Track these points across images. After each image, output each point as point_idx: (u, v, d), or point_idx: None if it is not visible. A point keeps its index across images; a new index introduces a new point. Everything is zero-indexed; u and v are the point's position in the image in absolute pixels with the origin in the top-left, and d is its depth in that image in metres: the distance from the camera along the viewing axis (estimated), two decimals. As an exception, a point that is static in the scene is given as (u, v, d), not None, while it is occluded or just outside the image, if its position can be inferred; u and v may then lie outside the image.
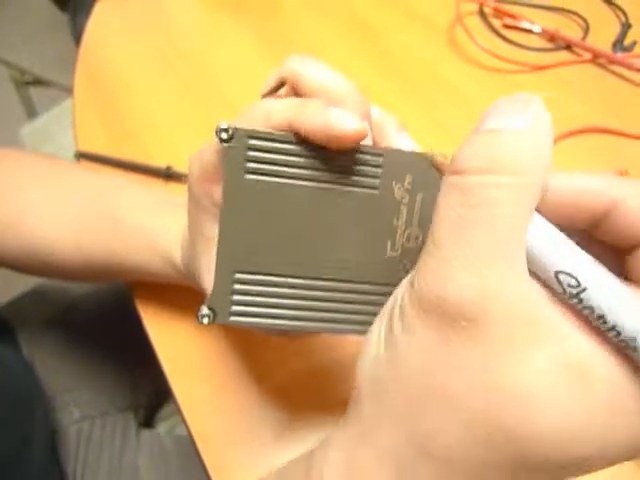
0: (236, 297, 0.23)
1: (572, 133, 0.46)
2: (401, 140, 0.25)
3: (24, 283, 0.53)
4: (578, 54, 0.53)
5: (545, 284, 0.16)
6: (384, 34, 0.58)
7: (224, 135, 0.21)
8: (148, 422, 0.63)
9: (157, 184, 0.48)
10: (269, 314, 0.23)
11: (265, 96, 0.26)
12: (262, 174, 0.22)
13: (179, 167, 0.48)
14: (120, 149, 0.51)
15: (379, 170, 0.22)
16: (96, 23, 0.65)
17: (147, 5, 0.66)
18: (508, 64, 0.52)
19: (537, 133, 0.16)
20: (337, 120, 0.20)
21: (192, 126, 0.52)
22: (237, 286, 0.23)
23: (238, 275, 0.22)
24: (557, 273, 0.15)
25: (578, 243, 0.16)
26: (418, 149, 0.24)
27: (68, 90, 0.58)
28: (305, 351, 0.37)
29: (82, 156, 0.51)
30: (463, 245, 0.15)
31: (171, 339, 0.39)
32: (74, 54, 0.62)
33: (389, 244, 0.23)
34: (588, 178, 0.17)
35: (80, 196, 0.39)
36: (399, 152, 0.23)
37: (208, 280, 0.27)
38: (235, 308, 0.23)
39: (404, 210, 0.23)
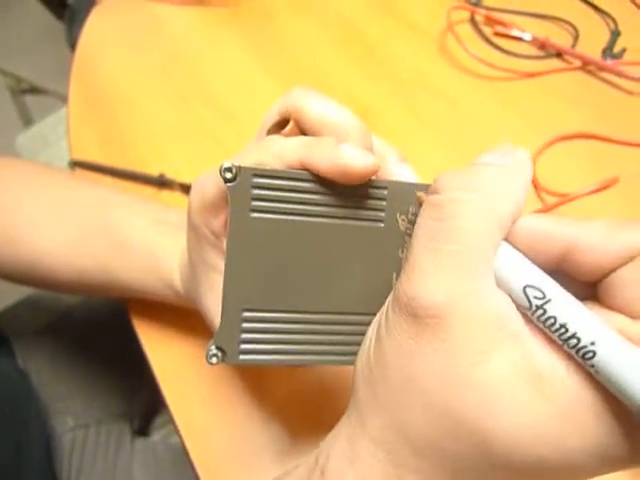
0: (245, 335, 0.22)
1: (562, 139, 0.47)
2: (402, 171, 0.25)
3: (18, 291, 0.53)
4: (568, 61, 0.53)
5: (513, 301, 0.18)
6: (376, 41, 0.58)
7: (228, 175, 0.21)
8: (143, 430, 0.63)
9: (150, 192, 0.48)
10: (279, 350, 0.23)
11: (270, 132, 0.27)
12: (268, 212, 0.22)
13: (173, 174, 0.48)
14: (114, 157, 0.52)
15: (384, 203, 0.22)
16: (90, 32, 0.65)
17: (141, 13, 0.67)
18: (499, 72, 0.53)
19: (512, 170, 0.18)
20: (350, 157, 0.21)
21: (186, 133, 0.53)
22: (245, 324, 0.22)
23: (246, 314, 0.22)
24: (525, 287, 0.17)
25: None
26: (418, 179, 0.25)
27: (64, 98, 0.58)
28: (305, 367, 0.37)
29: (76, 164, 0.51)
30: (431, 254, 0.17)
31: (167, 356, 0.39)
32: (70, 62, 0.62)
33: (395, 275, 0.23)
34: (549, 220, 0.18)
35: (78, 212, 0.39)
36: (402, 184, 0.23)
37: (209, 305, 0.27)
38: (244, 347, 0.22)
39: (408, 241, 0.23)
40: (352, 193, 0.22)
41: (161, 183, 0.48)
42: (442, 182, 0.18)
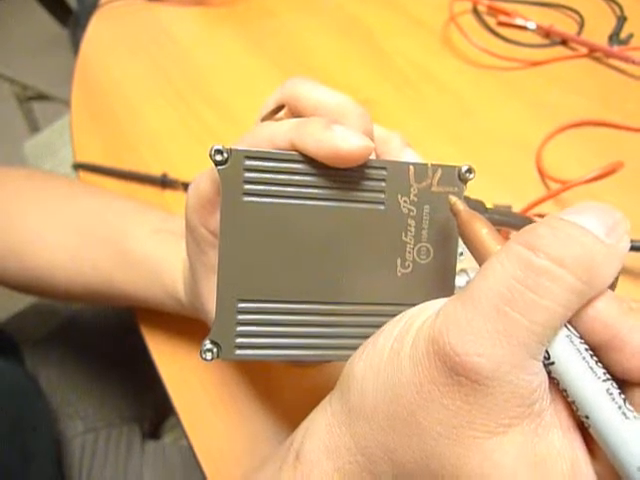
0: (240, 328, 0.21)
1: (569, 127, 0.46)
2: (407, 155, 0.24)
3: (25, 297, 0.53)
4: (574, 49, 0.53)
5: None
6: (378, 35, 0.58)
7: (219, 157, 0.20)
8: (154, 433, 0.62)
9: (154, 192, 0.48)
10: (277, 344, 0.21)
11: (265, 119, 0.26)
12: (261, 195, 0.20)
13: (175, 174, 0.48)
14: (117, 159, 0.51)
15: (383, 184, 0.21)
16: (92, 35, 0.65)
17: (142, 16, 0.67)
18: (503, 61, 0.52)
19: (613, 254, 0.16)
20: (342, 138, 0.19)
21: (188, 134, 0.52)
22: (241, 316, 0.21)
23: (241, 304, 0.21)
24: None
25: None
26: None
27: (70, 104, 0.58)
28: (312, 369, 0.36)
29: (80, 167, 0.51)
30: (497, 316, 0.16)
31: (175, 360, 0.38)
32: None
33: (399, 261, 0.22)
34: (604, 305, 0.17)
35: (79, 223, 0.39)
36: (401, 164, 0.21)
37: (210, 309, 0.26)
38: (240, 340, 0.21)
39: (412, 224, 0.21)
40: (349, 174, 0.21)
41: (164, 183, 0.48)
42: (541, 242, 0.16)
